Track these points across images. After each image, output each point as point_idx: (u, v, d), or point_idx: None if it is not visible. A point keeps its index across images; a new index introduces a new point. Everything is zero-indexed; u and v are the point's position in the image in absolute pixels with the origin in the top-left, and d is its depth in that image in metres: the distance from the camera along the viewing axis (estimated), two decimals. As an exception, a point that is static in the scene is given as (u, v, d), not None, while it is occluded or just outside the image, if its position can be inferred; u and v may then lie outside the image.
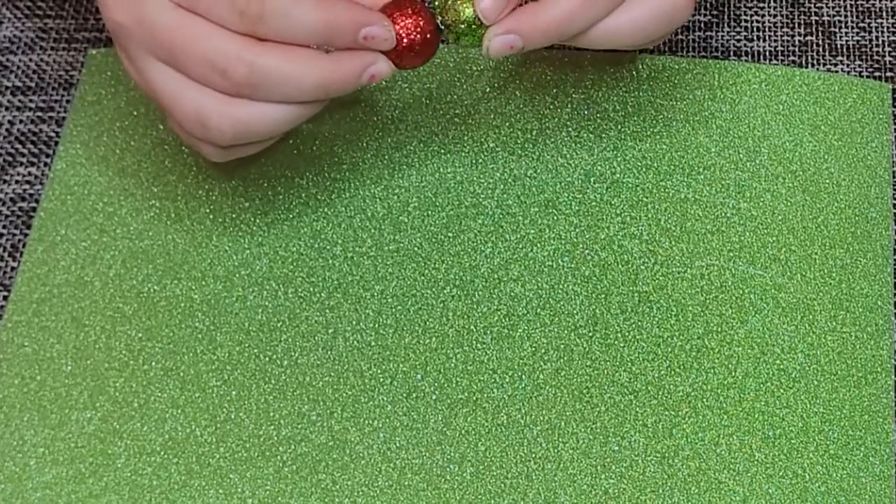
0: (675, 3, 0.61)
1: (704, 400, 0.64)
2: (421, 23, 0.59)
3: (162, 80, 0.58)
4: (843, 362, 0.65)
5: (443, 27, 0.60)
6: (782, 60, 0.74)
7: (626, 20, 0.60)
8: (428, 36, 0.60)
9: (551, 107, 0.72)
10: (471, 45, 0.61)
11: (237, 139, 0.59)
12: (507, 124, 0.71)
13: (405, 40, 0.59)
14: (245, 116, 0.57)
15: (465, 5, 0.60)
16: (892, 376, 0.64)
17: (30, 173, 0.72)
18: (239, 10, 0.55)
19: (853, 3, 0.76)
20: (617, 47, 0.62)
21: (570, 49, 0.71)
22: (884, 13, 0.76)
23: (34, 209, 0.70)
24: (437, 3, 0.60)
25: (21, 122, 0.73)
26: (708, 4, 0.76)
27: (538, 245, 0.68)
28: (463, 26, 0.60)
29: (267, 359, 0.65)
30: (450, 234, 0.68)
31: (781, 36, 0.75)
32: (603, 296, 0.67)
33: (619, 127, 0.71)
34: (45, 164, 0.72)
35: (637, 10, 0.61)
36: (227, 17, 0.56)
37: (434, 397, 0.64)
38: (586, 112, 0.71)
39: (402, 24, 0.59)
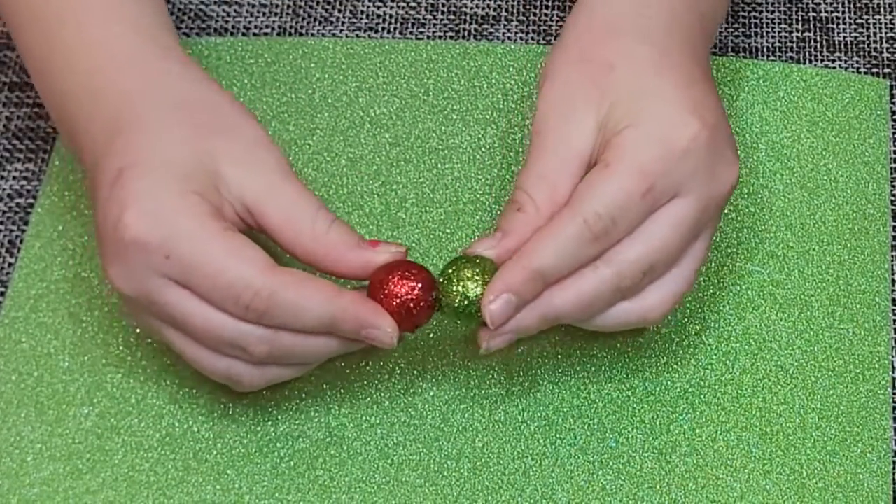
0: (645, 318, 0.60)
1: (702, 396, 0.64)
2: (416, 292, 0.57)
3: (185, 347, 0.59)
4: (841, 358, 0.65)
5: (440, 301, 0.58)
6: (780, 57, 0.74)
7: (612, 315, 0.60)
8: (423, 305, 0.58)
9: (549, 103, 0.72)
10: (463, 326, 0.58)
11: (269, 385, 0.61)
12: (505, 120, 0.71)
13: (400, 311, 0.57)
14: (276, 373, 0.60)
15: (465, 294, 0.57)
16: (890, 372, 0.64)
17: (27, 169, 0.72)
18: (244, 306, 0.56)
19: (851, -1, 0.76)
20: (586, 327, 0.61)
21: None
22: (881, 9, 0.76)
23: (31, 205, 0.70)
24: (441, 278, 0.58)
25: (18, 117, 0.73)
26: (706, 0, 0.76)
27: (536, 241, 0.68)
28: (460, 311, 0.57)
29: (264, 355, 0.65)
30: (447, 231, 0.68)
31: (779, 32, 0.75)
32: (600, 292, 0.66)
33: (617, 123, 0.71)
34: (43, 160, 0.72)
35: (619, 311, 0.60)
36: (232, 309, 0.56)
37: (431, 393, 0.64)
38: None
39: (396, 293, 0.57)
